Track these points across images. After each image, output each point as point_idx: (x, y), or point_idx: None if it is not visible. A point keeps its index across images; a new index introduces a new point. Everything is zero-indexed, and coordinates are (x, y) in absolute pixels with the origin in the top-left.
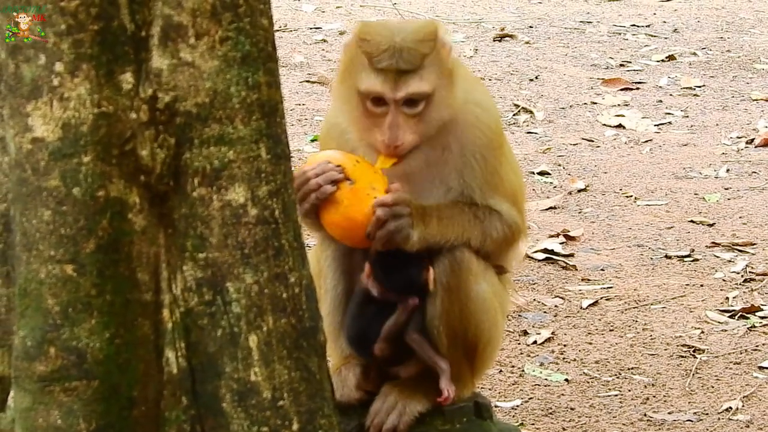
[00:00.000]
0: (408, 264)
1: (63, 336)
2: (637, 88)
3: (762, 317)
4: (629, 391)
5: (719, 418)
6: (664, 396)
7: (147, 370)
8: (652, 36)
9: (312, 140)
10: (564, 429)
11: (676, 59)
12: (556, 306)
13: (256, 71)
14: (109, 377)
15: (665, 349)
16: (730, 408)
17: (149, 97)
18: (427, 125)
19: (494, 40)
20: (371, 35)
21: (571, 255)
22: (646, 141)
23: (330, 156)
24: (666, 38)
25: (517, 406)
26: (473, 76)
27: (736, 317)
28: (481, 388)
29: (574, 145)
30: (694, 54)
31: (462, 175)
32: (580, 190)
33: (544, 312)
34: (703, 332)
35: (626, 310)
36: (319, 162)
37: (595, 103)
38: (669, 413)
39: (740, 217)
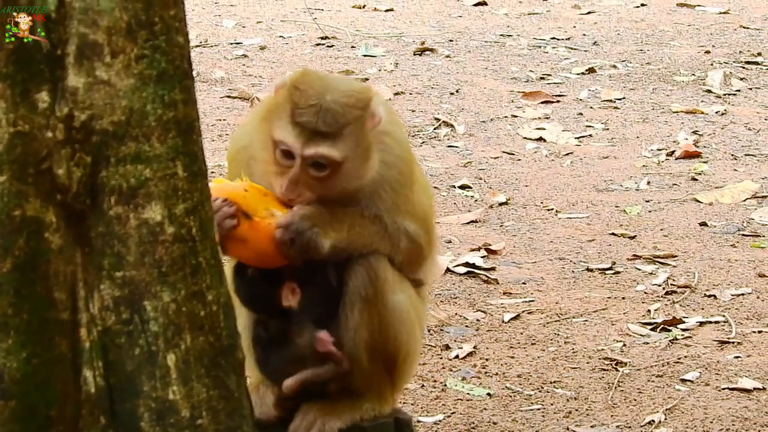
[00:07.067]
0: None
1: None
2: (558, 101)
3: (684, 330)
4: (551, 404)
5: (642, 431)
6: (587, 409)
7: (65, 389)
8: (572, 49)
9: None
10: None
11: (596, 72)
12: (477, 320)
13: (172, 89)
14: (26, 397)
15: (587, 363)
16: (653, 421)
17: (65, 116)
18: (329, 190)
19: (414, 54)
20: (304, 86)
21: (493, 269)
22: (567, 154)
23: (217, 190)
24: (586, 51)
25: (440, 421)
26: (391, 109)
27: (658, 330)
28: (403, 403)
29: (494, 158)
30: (614, 67)
31: (373, 203)
32: (501, 204)
33: (466, 326)
34: (625, 345)
35: (548, 323)
36: None
37: (516, 117)
38: (592, 427)
39: (661, 230)
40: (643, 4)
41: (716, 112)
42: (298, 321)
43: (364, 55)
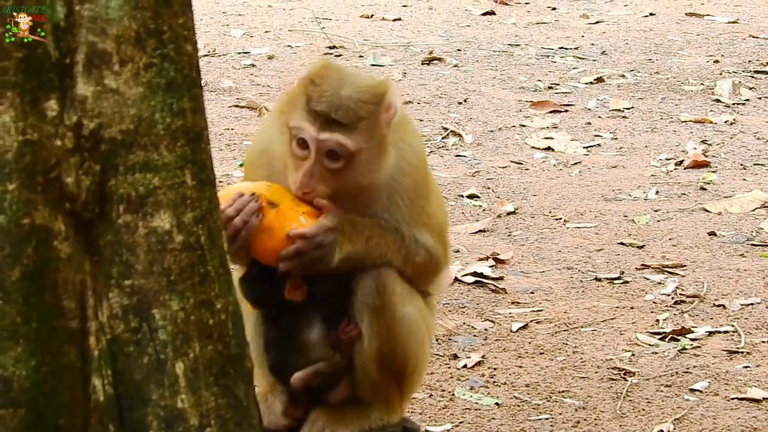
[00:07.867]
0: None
1: None
2: (566, 111)
3: (693, 339)
4: (560, 414)
5: None
6: (595, 419)
7: (73, 397)
8: (580, 58)
9: (241, 165)
10: None
11: (604, 81)
12: (486, 329)
13: (180, 98)
14: (35, 405)
15: (596, 372)
16: (662, 431)
17: (74, 124)
18: (344, 183)
19: (423, 64)
20: (321, 79)
21: (501, 278)
22: (575, 163)
23: (240, 188)
24: (594, 60)
25: (448, 430)
26: (407, 118)
27: (667, 339)
28: (411, 412)
29: (503, 167)
30: (623, 76)
31: (390, 213)
32: (509, 213)
33: (474, 335)
34: (633, 355)
35: (556, 333)
36: (231, 197)
37: (524, 126)
38: None
39: (670, 239)
40: (651, 14)
41: (725, 122)
42: (307, 317)
43: (372, 65)
